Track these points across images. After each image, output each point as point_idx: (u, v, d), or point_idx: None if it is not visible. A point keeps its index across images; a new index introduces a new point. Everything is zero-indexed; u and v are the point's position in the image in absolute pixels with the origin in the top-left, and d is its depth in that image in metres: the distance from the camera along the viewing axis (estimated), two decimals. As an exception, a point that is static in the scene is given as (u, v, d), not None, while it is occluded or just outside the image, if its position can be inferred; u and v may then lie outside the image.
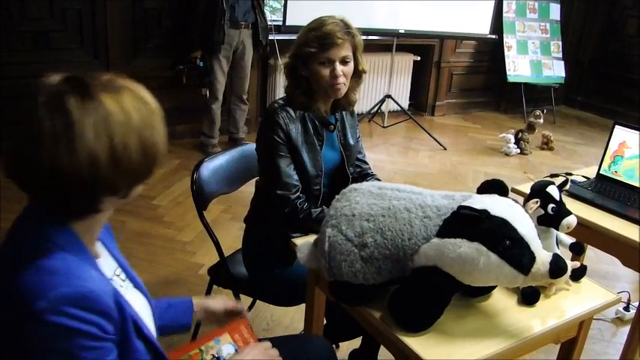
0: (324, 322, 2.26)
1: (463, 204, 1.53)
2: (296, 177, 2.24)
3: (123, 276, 1.43)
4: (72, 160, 1.09)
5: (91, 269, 1.19)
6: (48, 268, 1.12)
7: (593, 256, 3.74)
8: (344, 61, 2.22)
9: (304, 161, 2.26)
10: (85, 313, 1.10)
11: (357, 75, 2.32)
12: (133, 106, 1.16)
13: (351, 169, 2.45)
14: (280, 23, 5.55)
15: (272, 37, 5.50)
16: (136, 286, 1.48)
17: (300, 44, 2.22)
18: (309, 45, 2.19)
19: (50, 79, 1.14)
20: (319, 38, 2.17)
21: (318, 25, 2.21)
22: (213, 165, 2.48)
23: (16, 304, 1.10)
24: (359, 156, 2.52)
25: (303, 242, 1.91)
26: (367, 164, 2.57)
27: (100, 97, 1.12)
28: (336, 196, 1.75)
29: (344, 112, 2.42)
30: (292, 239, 2.07)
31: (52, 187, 1.12)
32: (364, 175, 2.52)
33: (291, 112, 2.25)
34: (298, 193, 2.23)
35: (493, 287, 1.76)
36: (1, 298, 1.13)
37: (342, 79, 2.21)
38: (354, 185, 1.74)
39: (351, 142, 2.44)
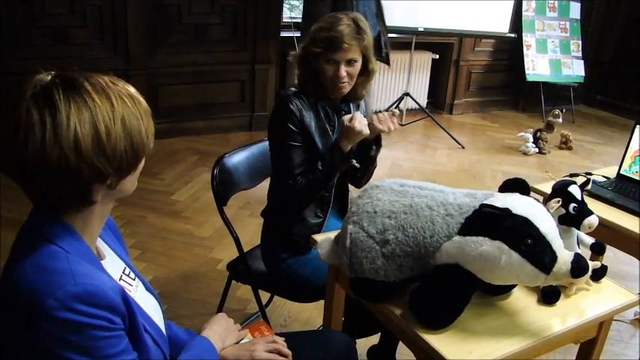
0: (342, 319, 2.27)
1: (485, 202, 1.53)
2: (303, 166, 2.26)
3: (132, 275, 1.45)
4: (58, 146, 1.12)
5: (95, 269, 1.21)
6: (52, 268, 1.15)
7: (612, 256, 3.70)
8: (349, 62, 2.23)
9: (318, 146, 2.28)
10: (92, 308, 1.13)
11: (367, 73, 2.34)
12: (119, 98, 1.19)
13: (359, 157, 2.46)
14: (299, 20, 5.56)
15: (291, 34, 5.51)
16: (146, 286, 1.50)
17: (310, 40, 2.25)
18: (316, 44, 2.22)
19: (41, 76, 1.17)
20: (327, 40, 2.19)
21: (329, 24, 2.22)
22: (234, 161, 2.50)
23: (24, 305, 1.12)
24: None
25: (324, 238, 1.92)
26: None
27: (88, 90, 1.15)
28: (358, 193, 1.75)
29: (351, 103, 2.45)
30: (312, 235, 2.08)
31: (41, 174, 1.14)
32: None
33: (304, 98, 2.27)
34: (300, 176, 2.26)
35: (513, 286, 1.76)
36: (9, 300, 1.15)
37: (345, 80, 2.24)
38: (376, 182, 1.75)
39: None
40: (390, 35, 6.01)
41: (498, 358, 1.53)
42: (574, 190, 1.89)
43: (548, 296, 1.76)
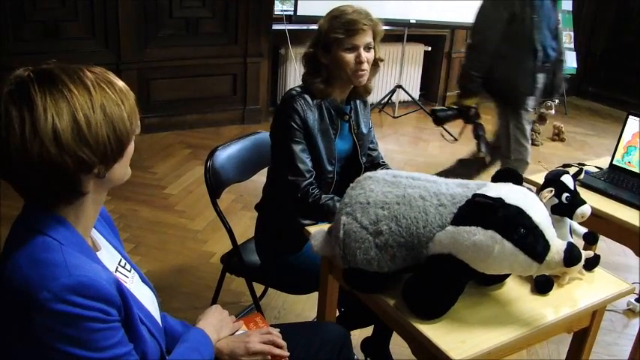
0: (337, 313, 2.26)
1: (478, 192, 1.53)
2: (310, 163, 2.25)
3: (128, 267, 1.45)
4: (37, 139, 1.11)
5: (90, 261, 1.21)
6: (46, 260, 1.15)
7: (604, 247, 3.72)
8: (367, 48, 2.24)
9: (319, 148, 2.27)
10: (87, 300, 1.13)
11: (375, 63, 2.34)
12: (97, 86, 1.18)
13: (364, 159, 2.45)
14: (291, 13, 5.55)
15: (282, 27, 5.50)
16: (141, 278, 1.50)
17: (325, 31, 2.24)
18: (335, 31, 2.21)
19: (18, 73, 1.17)
20: (345, 24, 2.20)
21: (340, 13, 2.23)
22: (227, 154, 2.49)
23: (19, 298, 1.12)
24: (370, 145, 2.53)
25: (317, 230, 1.92)
26: (377, 152, 2.58)
27: (64, 82, 1.15)
28: (351, 184, 1.75)
29: (357, 102, 2.43)
30: (305, 227, 2.08)
31: (25, 169, 1.14)
32: (376, 165, 2.53)
33: (309, 99, 2.26)
34: (311, 179, 2.24)
35: (507, 275, 1.76)
36: (3, 293, 1.15)
37: (366, 66, 2.24)
38: (369, 173, 1.75)
39: (364, 131, 2.45)
40: (382, 28, 6.00)
41: (492, 348, 1.53)
42: (567, 179, 1.90)
43: (542, 286, 1.76)
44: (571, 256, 1.49)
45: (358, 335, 2.68)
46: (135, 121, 1.26)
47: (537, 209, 1.51)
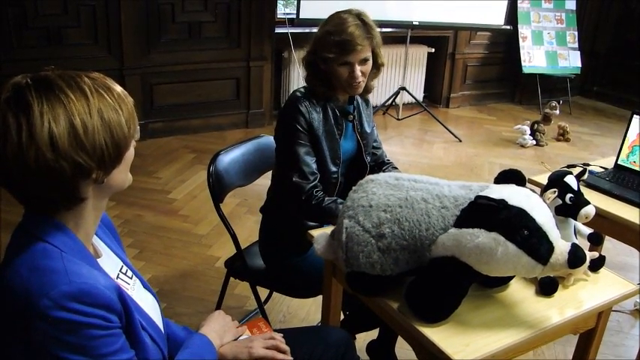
0: (342, 316, 2.25)
1: (480, 194, 1.52)
2: (314, 165, 2.24)
3: (130, 274, 1.45)
4: (34, 145, 1.11)
5: (90, 267, 1.21)
6: (46, 267, 1.14)
7: (610, 247, 3.71)
8: (362, 61, 2.23)
9: (324, 150, 2.27)
10: (87, 307, 1.12)
11: (376, 67, 2.34)
12: (95, 92, 1.18)
13: (369, 158, 2.45)
14: (294, 16, 5.55)
15: (285, 30, 5.50)
16: (143, 284, 1.49)
17: (320, 47, 2.22)
18: (328, 49, 2.19)
19: (15, 80, 1.17)
20: (339, 44, 2.17)
21: (337, 28, 2.19)
22: (230, 158, 2.49)
23: (19, 305, 1.12)
24: (374, 144, 2.53)
25: (320, 233, 1.91)
26: (382, 150, 2.58)
27: (61, 87, 1.15)
28: (353, 187, 1.75)
29: (360, 101, 2.44)
30: (308, 230, 2.07)
31: (22, 175, 1.14)
32: (380, 164, 2.53)
33: (314, 101, 2.26)
34: (315, 182, 2.23)
35: (511, 277, 1.76)
36: (4, 300, 1.15)
37: (360, 79, 2.23)
38: (371, 176, 1.74)
39: (367, 130, 2.45)
40: (385, 29, 6.00)
41: (496, 351, 1.53)
42: (570, 180, 1.88)
43: (546, 287, 1.75)
44: (575, 257, 1.48)
45: (364, 338, 2.67)
46: (133, 126, 1.25)
47: (540, 210, 1.51)
